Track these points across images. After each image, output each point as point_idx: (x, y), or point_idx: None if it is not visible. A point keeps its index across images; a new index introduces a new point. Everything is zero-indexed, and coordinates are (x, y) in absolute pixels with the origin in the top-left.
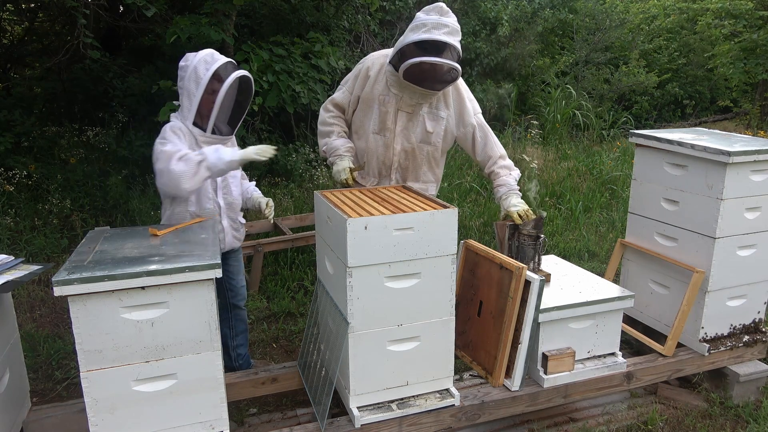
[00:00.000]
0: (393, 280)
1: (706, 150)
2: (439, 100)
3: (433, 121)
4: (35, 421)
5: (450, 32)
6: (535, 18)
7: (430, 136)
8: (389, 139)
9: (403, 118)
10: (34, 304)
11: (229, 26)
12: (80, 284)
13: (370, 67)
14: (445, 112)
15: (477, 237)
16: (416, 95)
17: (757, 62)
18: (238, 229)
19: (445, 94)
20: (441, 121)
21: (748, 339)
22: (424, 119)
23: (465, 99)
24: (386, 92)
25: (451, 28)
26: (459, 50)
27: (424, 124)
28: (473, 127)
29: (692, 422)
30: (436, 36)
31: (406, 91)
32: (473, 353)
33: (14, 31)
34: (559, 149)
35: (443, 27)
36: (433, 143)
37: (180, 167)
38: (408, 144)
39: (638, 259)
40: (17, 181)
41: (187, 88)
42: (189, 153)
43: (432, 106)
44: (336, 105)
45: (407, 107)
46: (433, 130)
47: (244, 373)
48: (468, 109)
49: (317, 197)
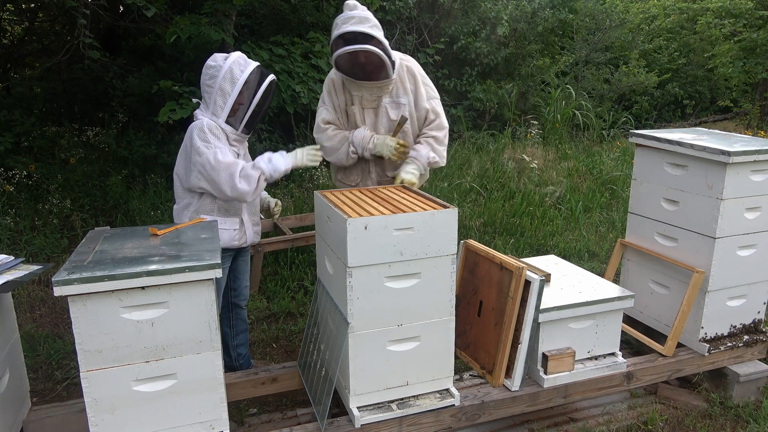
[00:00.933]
0: (393, 280)
1: (706, 150)
2: (397, 87)
3: (395, 109)
4: (35, 421)
5: (357, 21)
6: (535, 18)
7: (395, 123)
8: None
9: (370, 114)
10: (34, 304)
11: (229, 26)
12: (80, 284)
13: (332, 81)
14: (405, 98)
15: (477, 237)
16: (374, 90)
17: (757, 62)
18: (257, 224)
19: (402, 81)
20: (403, 107)
21: (748, 339)
22: (387, 109)
23: (420, 84)
24: (349, 96)
25: (357, 18)
26: (372, 33)
27: (387, 114)
28: (426, 111)
29: (692, 422)
30: (344, 29)
31: (363, 89)
32: (473, 353)
33: (14, 31)
34: (559, 149)
35: (350, 19)
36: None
37: (244, 187)
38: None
39: (638, 259)
40: (17, 181)
41: (221, 87)
42: (246, 167)
43: (393, 95)
44: (327, 122)
45: (370, 103)
46: (396, 117)
47: (244, 373)
48: (422, 94)
49: (317, 197)
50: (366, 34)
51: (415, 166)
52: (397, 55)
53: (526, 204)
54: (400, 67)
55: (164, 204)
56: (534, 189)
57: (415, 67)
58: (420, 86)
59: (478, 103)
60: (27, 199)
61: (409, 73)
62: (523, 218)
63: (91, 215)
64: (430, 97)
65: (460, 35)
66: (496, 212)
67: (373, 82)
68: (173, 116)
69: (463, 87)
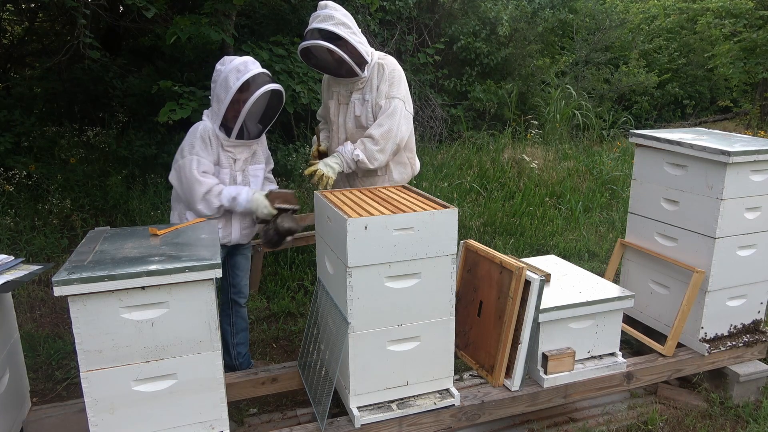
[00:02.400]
0: (393, 280)
1: (706, 150)
2: (366, 84)
3: (360, 106)
4: (35, 421)
5: (322, 19)
6: (535, 18)
7: (359, 119)
8: (334, 131)
9: (343, 110)
10: (34, 304)
11: (229, 26)
12: (80, 284)
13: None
14: (370, 95)
15: (477, 237)
16: (348, 86)
17: (757, 62)
18: (248, 227)
19: (371, 78)
20: (367, 104)
21: (748, 339)
22: (354, 105)
23: (385, 82)
24: (330, 91)
25: (323, 16)
26: (332, 30)
27: (353, 109)
28: (379, 107)
29: (692, 422)
30: (310, 27)
31: (339, 85)
32: (473, 353)
33: (14, 31)
34: (559, 149)
35: (316, 17)
36: (365, 126)
37: (202, 209)
38: (347, 132)
39: (638, 259)
40: (17, 181)
41: (216, 93)
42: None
43: (361, 92)
44: (320, 117)
45: (344, 99)
46: (360, 114)
47: (244, 373)
48: (383, 91)
49: (317, 197)
50: (327, 31)
51: (337, 160)
52: (375, 55)
53: (526, 204)
54: (374, 65)
55: (164, 204)
56: (534, 189)
57: (389, 66)
58: (384, 83)
59: (478, 103)
60: (27, 199)
61: (380, 70)
62: (523, 218)
63: (91, 215)
64: (389, 96)
65: (460, 35)
66: (496, 212)
67: (340, 79)
68: (173, 116)
69: (463, 87)
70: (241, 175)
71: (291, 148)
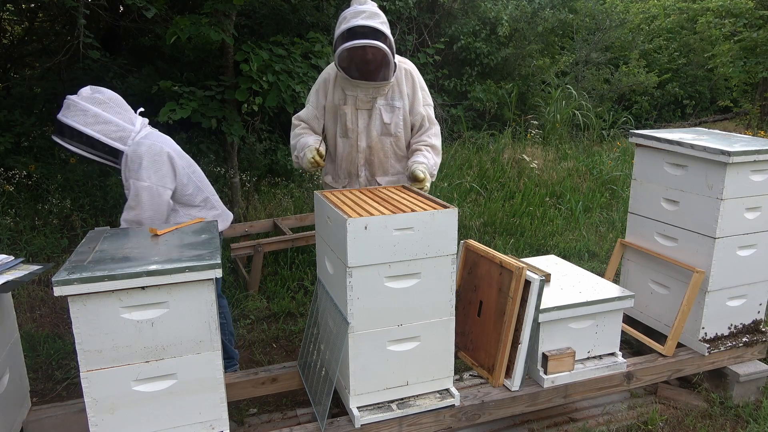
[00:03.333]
0: (393, 280)
1: (706, 150)
2: (393, 90)
3: (389, 113)
4: (35, 421)
5: (368, 16)
6: (535, 18)
7: (388, 127)
8: (353, 140)
9: (363, 116)
10: (34, 304)
11: (229, 26)
12: (80, 284)
13: (327, 79)
14: (400, 101)
15: (477, 237)
16: (369, 91)
17: (757, 61)
18: None
19: (399, 83)
20: (397, 111)
21: (747, 339)
22: (381, 112)
23: (418, 89)
24: (343, 96)
25: (368, 12)
26: (382, 30)
27: (381, 116)
28: (421, 117)
29: (692, 422)
30: (354, 23)
31: (358, 89)
32: (473, 353)
33: (14, 31)
34: (559, 149)
35: (361, 13)
36: (393, 134)
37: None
38: (370, 139)
39: (638, 259)
40: (17, 181)
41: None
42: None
43: (387, 98)
44: (301, 120)
45: (364, 105)
46: (390, 121)
47: (244, 373)
48: (419, 99)
49: (317, 197)
50: (376, 30)
51: (424, 165)
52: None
53: (526, 204)
54: (398, 69)
55: None
56: (534, 189)
57: (414, 70)
58: (418, 90)
59: (478, 103)
60: (27, 199)
61: (408, 76)
62: (523, 218)
63: (91, 215)
64: (426, 104)
65: (460, 35)
66: (496, 212)
67: (370, 83)
68: (173, 116)
69: (463, 87)
70: None
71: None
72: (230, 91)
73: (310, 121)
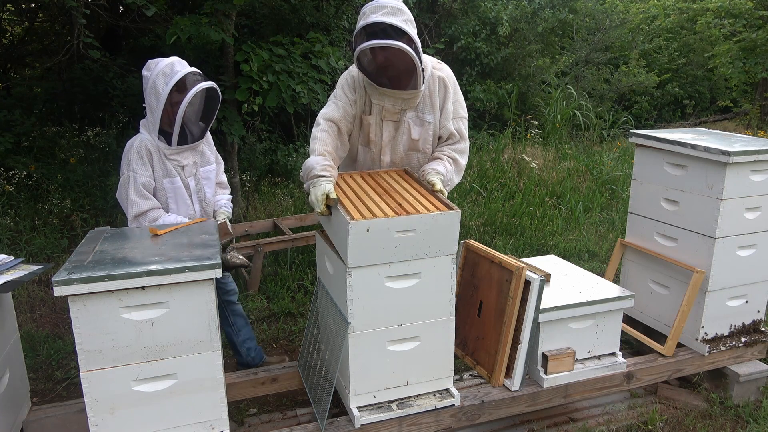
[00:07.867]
0: (393, 280)
1: (706, 150)
2: (425, 103)
3: (419, 127)
4: (35, 421)
5: (389, 12)
6: (535, 18)
7: (416, 143)
8: (375, 152)
9: (389, 127)
10: (34, 304)
11: (229, 26)
12: (80, 284)
13: (355, 78)
14: (431, 116)
15: (477, 237)
16: (398, 102)
17: (757, 62)
18: None
19: (431, 94)
20: (428, 126)
21: (747, 339)
22: (410, 126)
23: (449, 101)
24: (368, 103)
25: (390, 8)
26: (405, 29)
27: (409, 131)
28: (449, 133)
29: (692, 422)
30: (372, 19)
31: (385, 98)
32: (473, 353)
33: (14, 31)
34: (559, 149)
35: (381, 9)
36: (422, 150)
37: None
38: (395, 155)
39: (638, 259)
40: (17, 181)
41: (148, 102)
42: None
43: (418, 111)
44: (329, 119)
45: (391, 116)
46: (419, 137)
47: (244, 373)
48: (448, 111)
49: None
50: (397, 28)
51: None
52: (428, 62)
53: (526, 204)
54: (431, 77)
55: None
56: (534, 189)
57: (450, 78)
58: (449, 102)
59: (478, 103)
60: (27, 199)
61: (442, 85)
62: (523, 218)
63: (91, 215)
64: (457, 116)
65: (460, 35)
66: (496, 212)
67: (398, 92)
68: None
69: (463, 87)
70: (193, 180)
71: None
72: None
73: (340, 121)
